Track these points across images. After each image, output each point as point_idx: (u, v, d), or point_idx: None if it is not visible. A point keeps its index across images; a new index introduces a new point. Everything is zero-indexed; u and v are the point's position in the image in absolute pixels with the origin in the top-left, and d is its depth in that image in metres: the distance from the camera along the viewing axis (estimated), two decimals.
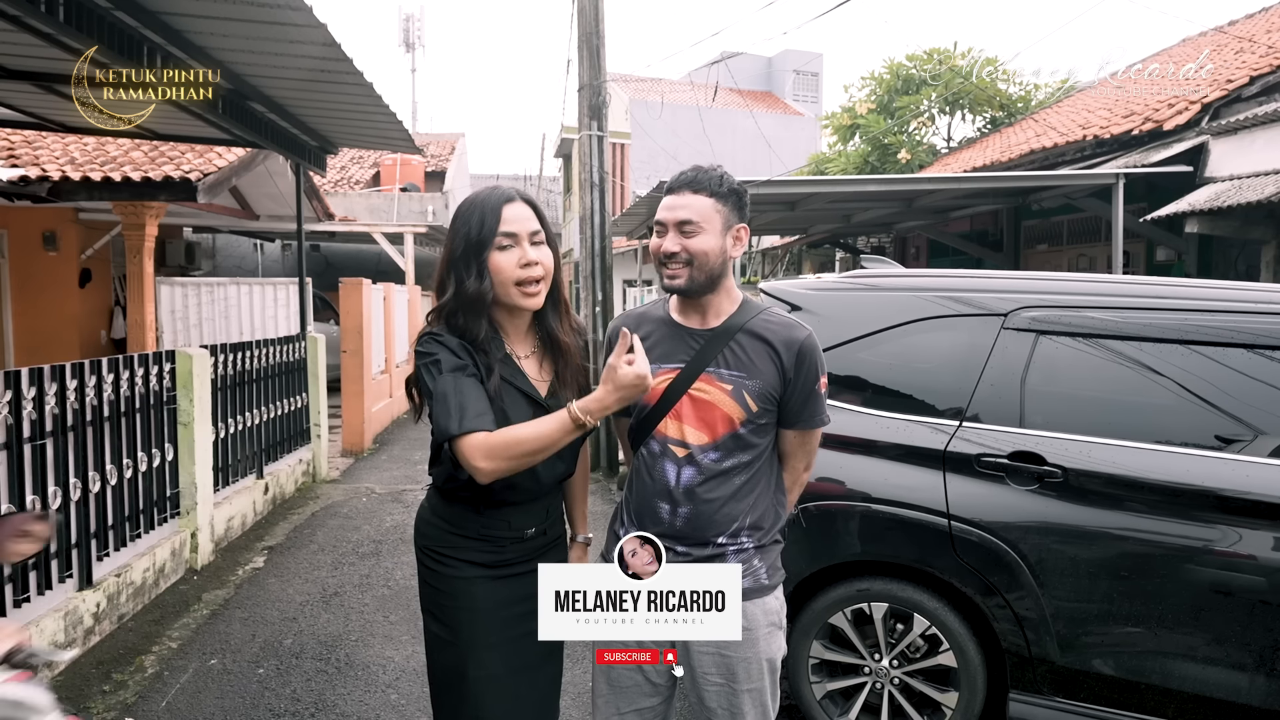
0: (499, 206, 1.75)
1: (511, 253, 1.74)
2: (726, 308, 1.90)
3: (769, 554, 1.91)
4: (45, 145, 8.44)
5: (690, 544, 1.86)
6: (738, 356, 1.85)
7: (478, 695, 1.82)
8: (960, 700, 2.79)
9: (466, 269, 1.74)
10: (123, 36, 4.12)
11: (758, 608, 1.86)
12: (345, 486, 7.29)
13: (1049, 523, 2.65)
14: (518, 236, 1.75)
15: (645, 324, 1.97)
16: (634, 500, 1.95)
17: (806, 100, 28.59)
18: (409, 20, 32.10)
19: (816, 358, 1.87)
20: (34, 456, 3.55)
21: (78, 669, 3.65)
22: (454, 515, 1.86)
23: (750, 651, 1.85)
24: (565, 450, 1.78)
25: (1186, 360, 2.67)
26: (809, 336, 1.87)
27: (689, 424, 1.85)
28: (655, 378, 1.86)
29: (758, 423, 1.85)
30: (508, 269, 1.73)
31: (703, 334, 1.88)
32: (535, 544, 1.88)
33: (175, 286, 10.12)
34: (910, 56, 16.82)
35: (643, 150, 22.67)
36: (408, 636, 3.98)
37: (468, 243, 1.74)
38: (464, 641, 1.84)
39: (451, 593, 1.85)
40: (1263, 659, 2.43)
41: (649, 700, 1.91)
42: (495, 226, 1.73)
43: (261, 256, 15.93)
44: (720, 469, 1.85)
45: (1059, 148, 9.01)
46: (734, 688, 1.85)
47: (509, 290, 1.75)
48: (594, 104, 7.66)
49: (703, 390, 1.84)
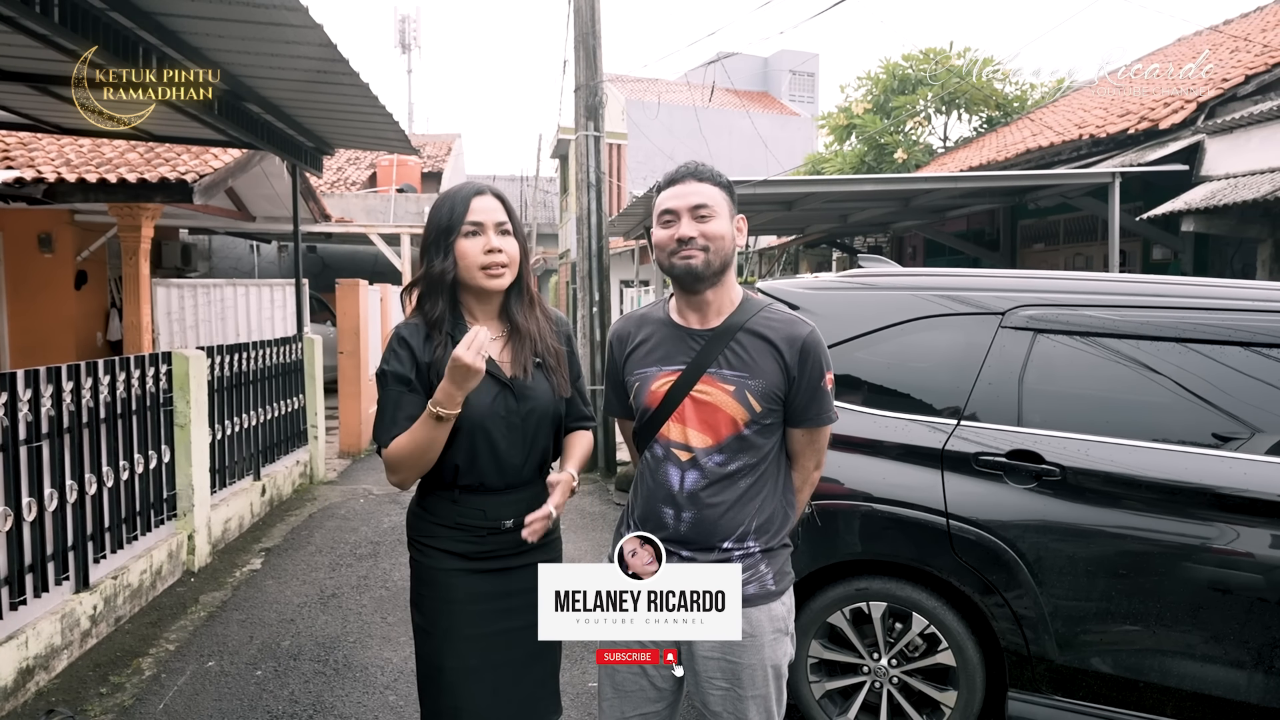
0: (469, 198, 1.87)
1: (477, 239, 1.85)
2: (727, 306, 1.88)
3: (776, 558, 1.88)
4: (41, 147, 8.42)
5: (695, 549, 1.84)
6: (739, 356, 1.82)
7: (455, 686, 1.86)
8: (959, 699, 2.79)
9: (436, 252, 1.87)
10: (118, 38, 4.10)
11: (763, 614, 1.83)
12: (342, 488, 7.28)
13: (1047, 521, 2.65)
14: (483, 225, 1.86)
15: (646, 326, 1.96)
16: (638, 505, 1.93)
17: (803, 100, 28.61)
18: (405, 21, 32.08)
19: (821, 354, 1.84)
20: (30, 459, 3.54)
21: (75, 671, 3.64)
22: (432, 504, 1.91)
23: (755, 658, 1.82)
24: (517, 439, 1.86)
25: (1184, 358, 2.67)
26: (812, 333, 1.85)
27: (692, 427, 1.83)
28: (656, 381, 1.87)
29: (762, 423, 1.82)
30: (472, 254, 1.85)
31: (703, 334, 1.86)
32: (516, 538, 1.85)
33: (171, 288, 10.10)
34: (906, 56, 16.83)
35: (639, 151, 22.67)
36: (405, 638, 3.97)
37: (438, 229, 1.87)
38: (440, 632, 1.88)
39: (430, 582, 1.90)
40: (1260, 656, 2.44)
41: (654, 705, 1.90)
42: (463, 215, 1.85)
43: (258, 258, 15.90)
44: (725, 472, 1.82)
45: (1055, 147, 9.03)
46: (739, 693, 1.83)
47: (474, 273, 1.86)
48: (590, 104, 7.66)
49: (705, 392, 1.82)
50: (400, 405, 1.83)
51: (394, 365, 1.85)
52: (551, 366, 1.94)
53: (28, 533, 3.51)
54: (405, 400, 1.83)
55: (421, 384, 1.84)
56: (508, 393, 1.86)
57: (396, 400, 1.83)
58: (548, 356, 1.94)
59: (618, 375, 2.00)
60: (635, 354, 1.94)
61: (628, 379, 1.95)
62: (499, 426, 1.84)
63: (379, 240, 12.68)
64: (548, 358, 1.94)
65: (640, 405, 1.90)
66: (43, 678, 3.51)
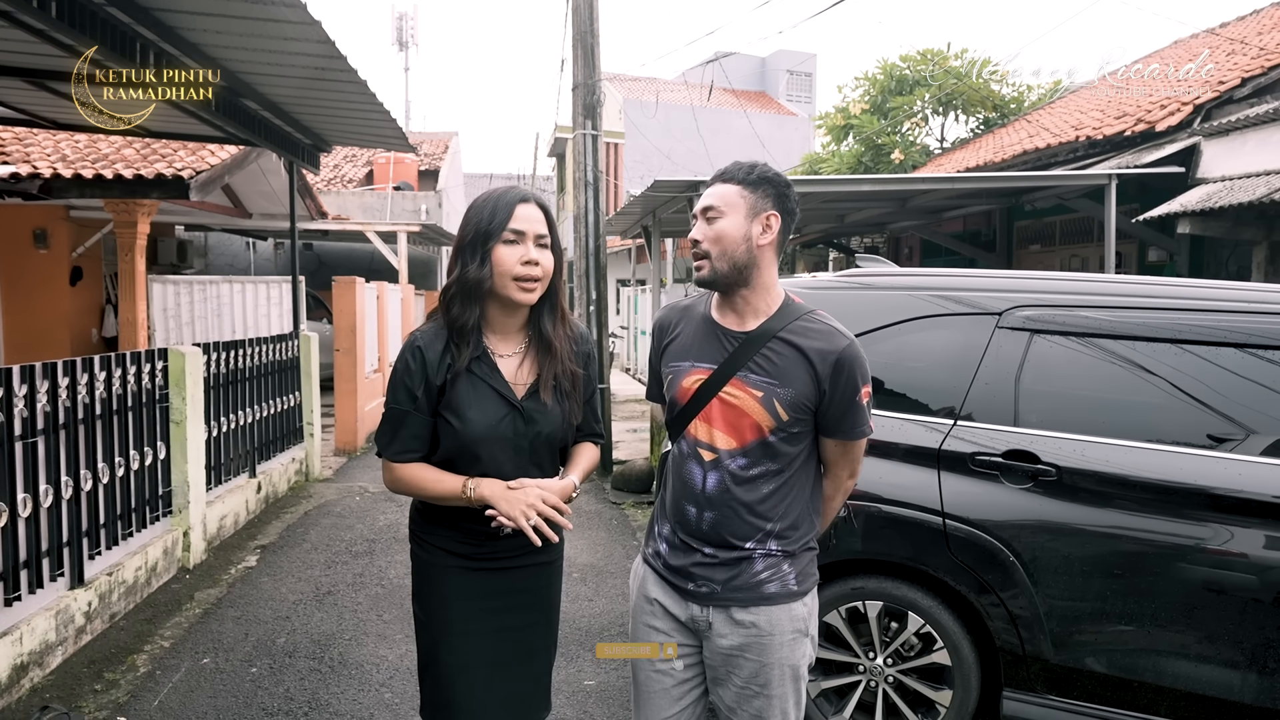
0: (513, 204, 1.81)
1: (516, 248, 1.80)
2: (764, 309, 1.84)
3: (799, 560, 1.87)
4: (36, 142, 8.40)
5: (716, 546, 1.84)
6: (771, 362, 1.79)
7: (450, 679, 1.88)
8: (954, 698, 2.79)
9: (472, 255, 1.81)
10: (116, 33, 4.10)
11: (784, 613, 1.83)
12: (338, 485, 7.28)
13: (1043, 521, 2.66)
14: (524, 235, 1.81)
15: (687, 318, 1.96)
16: (669, 498, 1.94)
17: (800, 100, 28.64)
18: (402, 19, 31.98)
19: (857, 368, 1.78)
20: (26, 455, 3.53)
21: (70, 668, 3.63)
22: (433, 505, 1.90)
23: (773, 657, 1.82)
24: (523, 460, 1.85)
25: (1179, 359, 2.68)
26: (849, 346, 1.78)
27: (718, 428, 1.82)
28: (689, 377, 1.87)
29: (790, 431, 1.79)
30: (509, 262, 1.79)
31: (738, 336, 1.84)
32: (517, 542, 1.84)
33: (167, 285, 10.07)
34: (904, 57, 16.85)
35: (637, 150, 22.68)
36: (401, 635, 3.97)
37: (477, 231, 1.81)
38: (436, 626, 1.90)
39: (429, 577, 1.91)
40: (1254, 656, 2.44)
41: (678, 704, 1.91)
42: (505, 221, 1.80)
43: (254, 255, 15.86)
44: (747, 476, 1.81)
45: (1052, 148, 9.04)
46: (755, 690, 1.82)
47: (506, 283, 1.80)
48: (588, 103, 7.65)
49: (733, 395, 1.81)
50: (405, 424, 1.82)
51: (404, 379, 1.82)
52: (566, 391, 1.91)
53: (23, 529, 3.50)
54: (410, 421, 1.82)
55: (428, 400, 1.81)
56: (516, 415, 1.84)
57: (401, 419, 1.82)
58: (563, 380, 1.90)
59: (656, 362, 2.01)
60: (673, 345, 1.95)
61: (664, 368, 1.95)
62: (505, 449, 1.83)
63: (375, 238, 12.66)
64: (563, 381, 1.90)
65: (672, 398, 1.91)
66: (37, 674, 3.50)
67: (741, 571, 1.82)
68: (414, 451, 1.83)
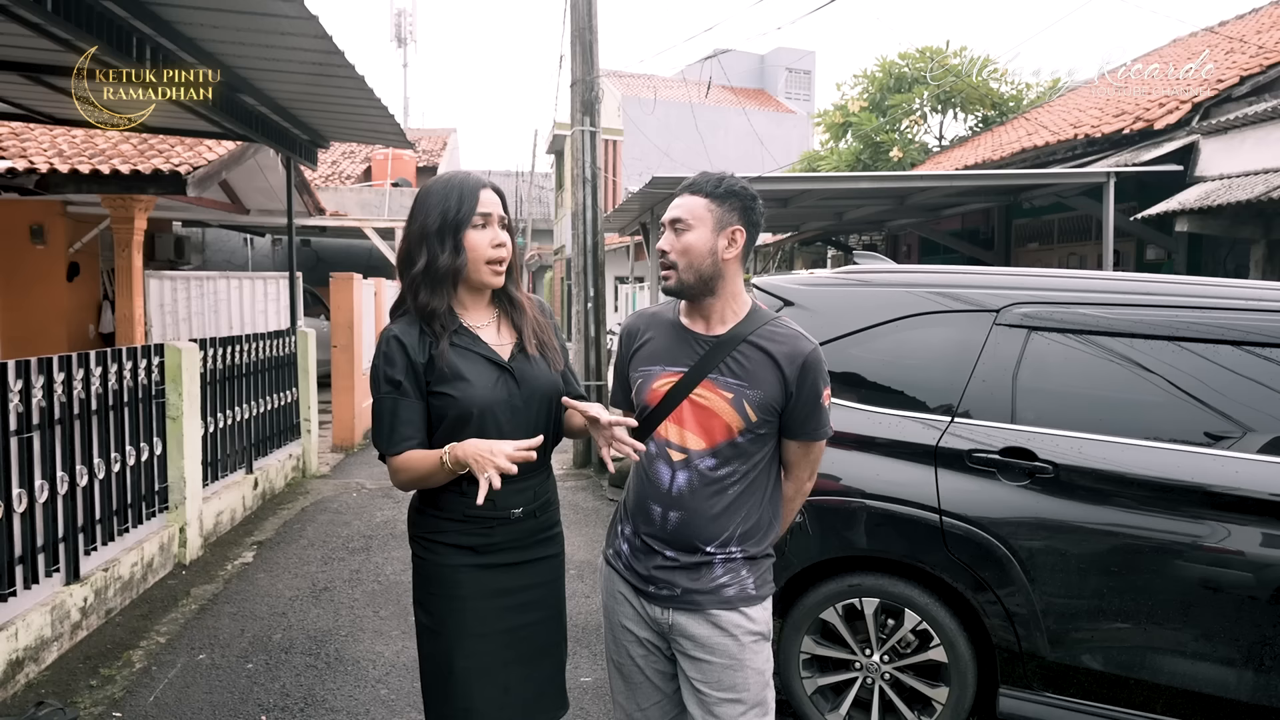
0: (477, 190, 1.85)
1: (485, 232, 1.84)
2: (731, 315, 1.89)
3: (758, 566, 1.90)
4: (33, 137, 8.37)
5: (678, 549, 1.86)
6: (741, 365, 1.84)
7: (466, 686, 1.82)
8: (951, 695, 2.79)
9: (441, 244, 1.82)
10: (112, 28, 4.08)
11: (742, 617, 1.85)
12: (335, 482, 7.27)
13: (1040, 518, 2.66)
14: (490, 217, 1.85)
15: (656, 324, 1.99)
16: (631, 499, 1.96)
17: (799, 98, 28.61)
18: (401, 15, 31.94)
19: (820, 371, 1.86)
20: (21, 450, 3.52)
21: (65, 663, 3.62)
22: (438, 498, 1.86)
23: (735, 659, 1.84)
24: (521, 422, 1.84)
25: (1177, 357, 2.68)
26: (813, 350, 1.85)
27: (688, 429, 1.86)
28: (658, 380, 1.90)
29: (757, 432, 1.84)
30: (481, 246, 1.83)
31: (708, 340, 1.88)
32: (526, 528, 1.86)
33: (164, 280, 10.05)
34: (903, 55, 16.84)
35: (635, 147, 22.67)
36: (398, 631, 3.96)
37: (445, 219, 1.82)
38: (451, 631, 1.84)
39: (439, 580, 1.86)
40: (1250, 654, 2.45)
41: (659, 694, 1.96)
42: (474, 207, 1.83)
43: (251, 251, 15.84)
44: (715, 476, 1.84)
45: (1050, 146, 9.04)
46: (718, 698, 1.84)
47: (480, 267, 1.84)
48: (587, 99, 7.65)
49: (704, 397, 1.84)
50: (397, 413, 1.80)
51: (386, 368, 1.80)
52: (545, 341, 1.94)
53: (18, 524, 3.50)
54: (402, 407, 1.80)
55: (415, 385, 1.81)
56: (508, 376, 1.85)
57: (393, 408, 1.80)
58: (540, 334, 1.94)
59: (624, 368, 2.03)
60: (642, 350, 1.97)
61: (632, 374, 1.98)
62: (503, 411, 1.82)
63: (373, 234, 12.64)
64: (540, 334, 1.94)
65: (641, 402, 1.92)
66: (33, 669, 3.50)
67: (701, 576, 1.85)
68: (410, 439, 1.80)
